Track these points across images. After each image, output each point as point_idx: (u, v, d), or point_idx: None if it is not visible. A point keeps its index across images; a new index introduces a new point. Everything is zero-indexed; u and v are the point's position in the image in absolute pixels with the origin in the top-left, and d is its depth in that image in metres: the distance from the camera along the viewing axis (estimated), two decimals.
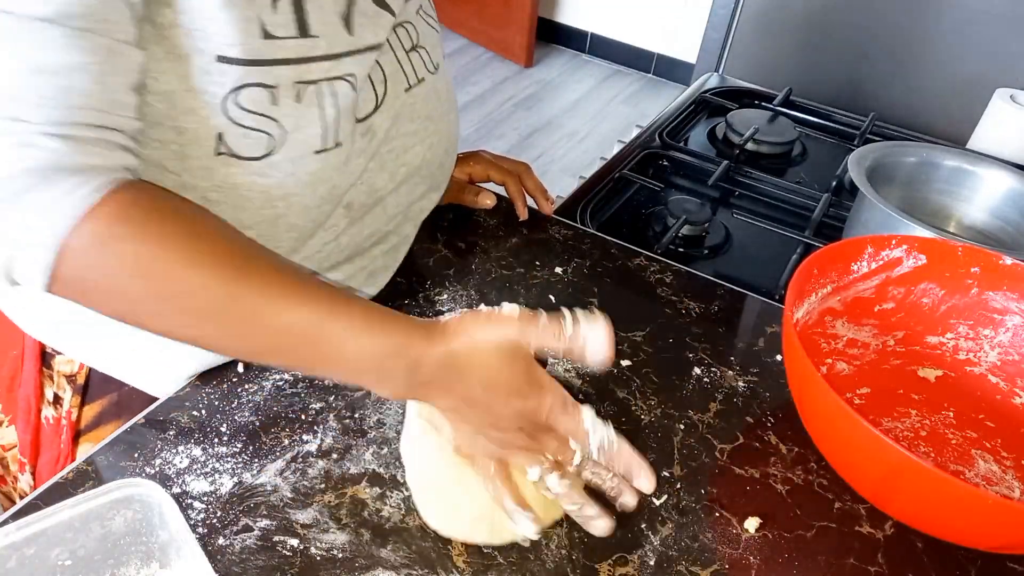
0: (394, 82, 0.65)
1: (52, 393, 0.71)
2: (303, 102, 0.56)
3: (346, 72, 0.58)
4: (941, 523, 0.58)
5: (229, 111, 0.54)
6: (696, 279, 0.84)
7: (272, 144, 0.57)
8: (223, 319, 0.49)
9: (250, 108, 0.55)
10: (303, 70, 0.56)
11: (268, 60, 0.54)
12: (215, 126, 0.54)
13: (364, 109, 0.62)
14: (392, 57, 0.65)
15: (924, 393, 0.74)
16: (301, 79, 0.56)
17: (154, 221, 0.49)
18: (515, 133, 3.04)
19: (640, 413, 0.68)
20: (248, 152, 0.56)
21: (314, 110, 0.57)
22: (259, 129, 0.56)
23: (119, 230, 0.47)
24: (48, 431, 0.72)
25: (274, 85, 0.55)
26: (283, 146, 0.57)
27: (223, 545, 0.55)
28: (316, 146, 0.58)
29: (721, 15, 1.47)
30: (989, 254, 0.72)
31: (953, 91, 1.32)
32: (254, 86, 0.54)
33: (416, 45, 0.68)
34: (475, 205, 0.89)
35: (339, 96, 0.58)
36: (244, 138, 0.56)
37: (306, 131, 0.57)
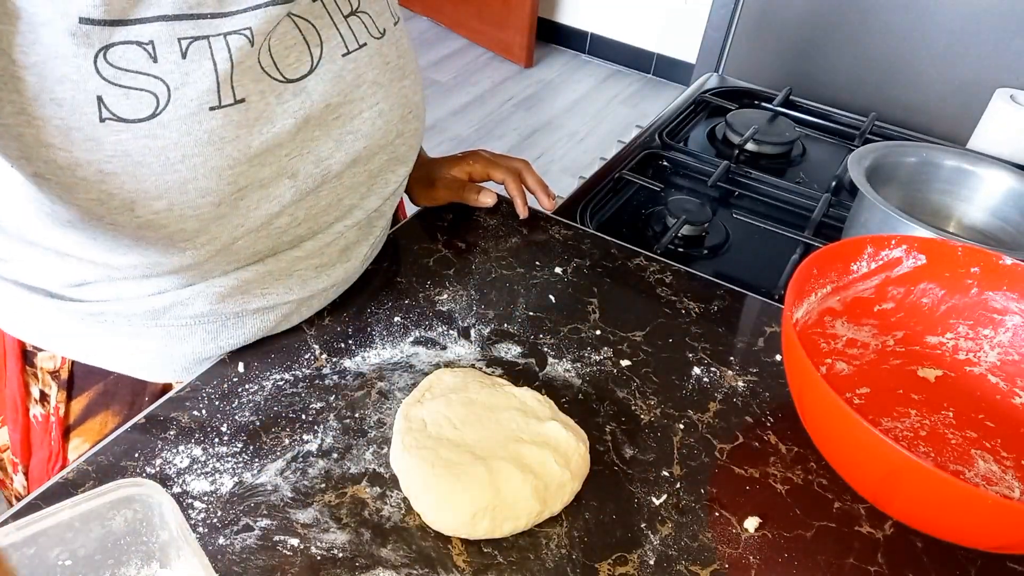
0: (329, 47, 0.64)
1: (38, 391, 0.71)
2: (188, 57, 0.55)
3: (241, 26, 0.57)
4: (941, 523, 0.58)
5: (103, 71, 0.53)
6: (696, 279, 0.84)
7: (157, 103, 0.55)
8: None
9: (125, 67, 0.54)
10: (187, 26, 0.55)
11: (136, 19, 0.53)
12: (92, 90, 0.53)
13: (296, 70, 0.61)
14: (328, 21, 0.64)
15: (924, 393, 0.74)
16: (184, 35, 0.55)
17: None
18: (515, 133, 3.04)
19: (640, 413, 0.68)
20: (133, 114, 0.55)
21: (206, 64, 0.56)
22: (140, 88, 0.54)
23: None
24: (38, 429, 0.72)
25: (147, 42, 0.53)
26: (171, 104, 0.55)
27: (223, 545, 0.55)
28: (211, 102, 0.57)
29: (721, 15, 1.47)
30: (989, 254, 0.72)
31: (953, 91, 1.32)
32: (125, 44, 0.53)
33: (356, 11, 0.67)
34: (476, 203, 0.89)
35: (232, 50, 0.57)
36: (125, 99, 0.54)
37: (195, 87, 0.56)
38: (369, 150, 0.69)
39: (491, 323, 0.75)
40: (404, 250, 0.84)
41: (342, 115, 0.66)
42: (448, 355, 0.71)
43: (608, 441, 0.65)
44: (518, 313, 0.76)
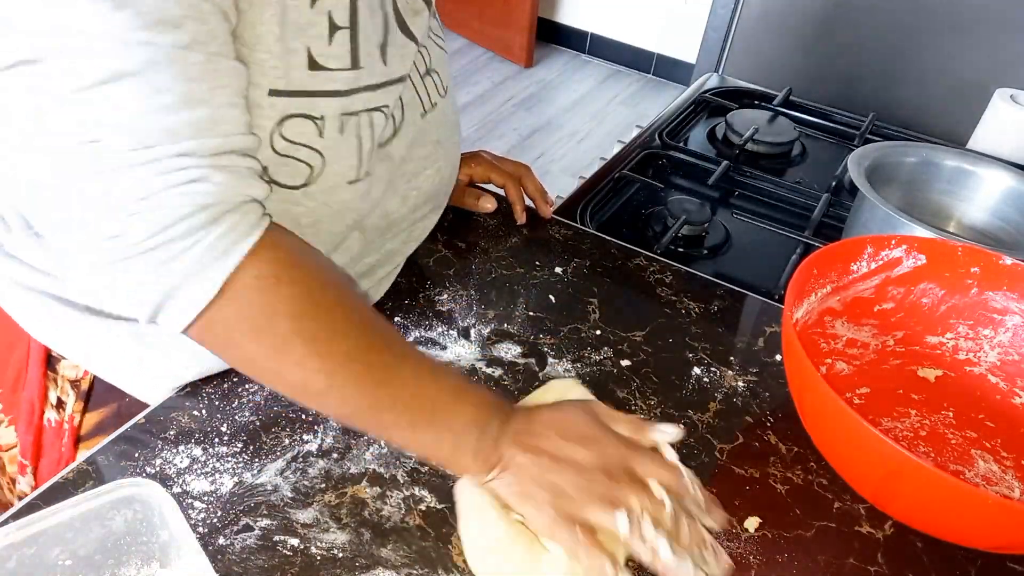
0: (411, 108, 0.65)
1: (56, 397, 0.71)
2: (344, 133, 0.56)
3: (382, 103, 0.58)
4: (941, 523, 0.58)
5: (275, 143, 0.54)
6: (696, 279, 0.84)
7: (310, 174, 0.56)
8: (359, 366, 0.51)
9: (294, 139, 0.54)
10: (349, 102, 0.55)
11: (315, 91, 0.53)
12: (262, 159, 0.54)
13: (385, 134, 0.62)
14: (409, 83, 0.64)
15: (924, 393, 0.74)
16: (346, 111, 0.55)
17: (306, 265, 0.51)
18: (515, 133, 3.04)
19: (640, 413, 0.68)
20: (286, 180, 0.56)
21: (353, 141, 0.57)
22: (300, 159, 0.55)
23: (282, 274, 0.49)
24: (50, 434, 0.72)
25: (319, 117, 0.54)
26: (321, 176, 0.57)
27: (223, 545, 0.55)
28: (350, 177, 0.58)
29: (721, 15, 1.47)
30: (989, 254, 0.72)
31: (953, 91, 1.32)
32: (299, 117, 0.54)
33: (430, 69, 0.68)
34: (475, 208, 0.89)
35: (375, 127, 0.58)
36: (284, 166, 0.55)
37: (343, 162, 0.57)
38: (423, 204, 0.72)
39: (491, 323, 0.75)
40: None
41: (406, 173, 0.67)
42: (448, 355, 0.71)
43: None
44: (518, 313, 0.76)
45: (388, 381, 0.52)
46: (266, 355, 0.50)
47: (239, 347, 0.51)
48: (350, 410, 0.54)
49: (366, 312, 0.54)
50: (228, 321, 0.49)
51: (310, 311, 0.50)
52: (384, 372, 0.52)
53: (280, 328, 0.49)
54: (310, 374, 0.51)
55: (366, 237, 0.67)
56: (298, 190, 0.57)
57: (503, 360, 0.71)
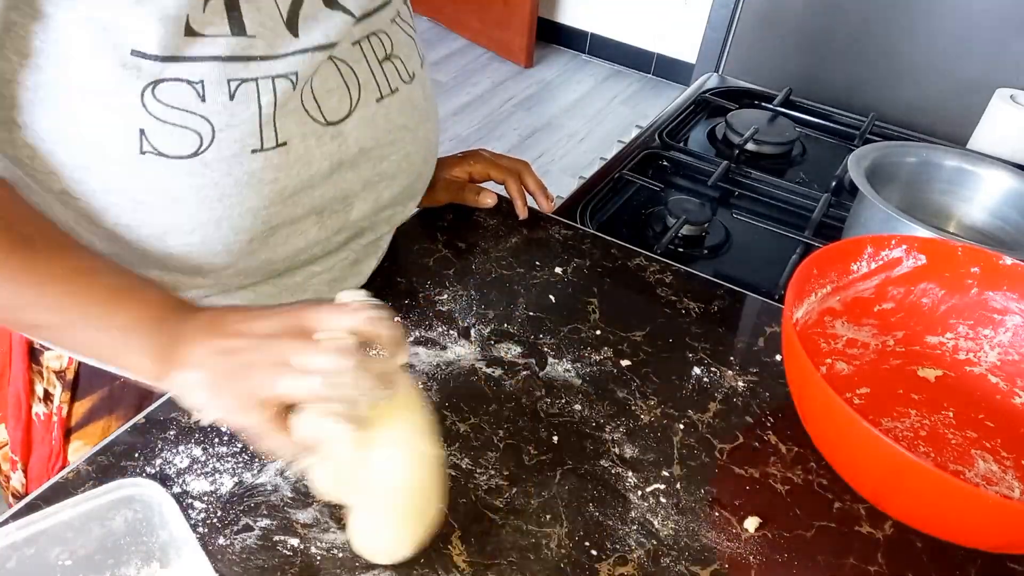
0: (367, 91, 0.64)
1: (42, 389, 0.71)
2: (236, 99, 0.55)
3: (288, 70, 0.57)
4: (941, 523, 0.58)
5: (149, 106, 0.53)
6: (696, 279, 0.84)
7: (200, 142, 0.55)
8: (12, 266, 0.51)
9: (172, 104, 0.54)
10: (239, 67, 0.55)
11: (189, 56, 0.53)
12: (135, 122, 0.54)
13: (336, 113, 0.62)
14: (365, 66, 0.64)
15: (924, 393, 0.74)
16: (233, 77, 0.55)
17: None
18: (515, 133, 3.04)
19: (640, 413, 0.68)
20: (174, 150, 0.55)
21: (251, 106, 0.56)
22: (184, 125, 0.55)
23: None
24: (39, 428, 0.72)
25: (197, 81, 0.54)
26: (214, 144, 0.56)
27: (223, 545, 0.55)
28: (253, 145, 0.57)
29: (721, 15, 1.47)
30: (989, 254, 0.72)
31: (953, 91, 1.32)
32: (174, 81, 0.53)
33: (390, 55, 0.67)
34: (476, 204, 0.89)
35: (281, 94, 0.57)
36: (169, 135, 0.55)
37: (239, 129, 0.56)
38: (390, 190, 0.71)
39: (491, 323, 0.75)
40: (404, 250, 0.84)
41: (372, 158, 0.67)
42: (448, 355, 0.71)
43: (608, 441, 0.65)
44: (518, 313, 0.76)
45: (37, 280, 0.51)
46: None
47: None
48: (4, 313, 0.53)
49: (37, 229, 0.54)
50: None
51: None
52: (32, 272, 0.51)
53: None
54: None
55: (324, 221, 0.66)
56: (191, 159, 0.56)
57: (503, 360, 0.71)
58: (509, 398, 0.68)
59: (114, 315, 0.52)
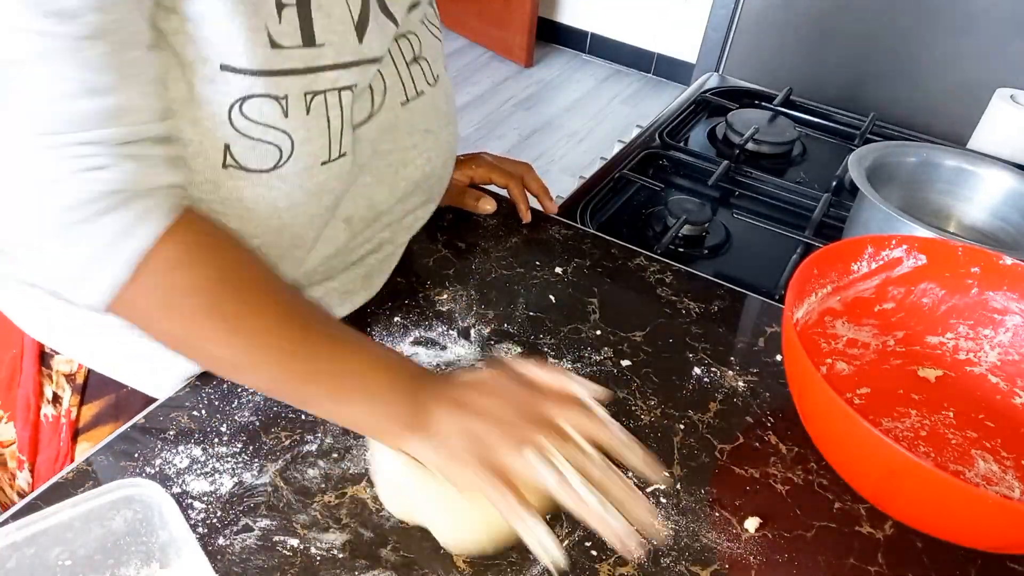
0: (392, 94, 0.64)
1: (51, 392, 0.71)
2: (311, 113, 0.56)
3: (351, 82, 0.58)
4: (941, 523, 0.58)
5: (235, 122, 0.54)
6: (696, 279, 0.84)
7: (280, 156, 0.56)
8: (274, 340, 0.53)
9: (257, 120, 0.54)
10: (311, 80, 0.55)
11: (275, 71, 0.53)
12: (221, 137, 0.54)
13: (358, 117, 0.62)
14: (393, 69, 0.64)
15: (924, 393, 0.74)
16: (309, 89, 0.55)
17: (219, 247, 0.53)
18: (515, 133, 3.04)
19: (640, 413, 0.68)
20: (256, 164, 0.56)
21: (322, 121, 0.57)
22: (267, 141, 0.55)
23: (194, 256, 0.51)
24: (47, 429, 0.72)
25: (282, 96, 0.54)
26: (292, 158, 0.57)
27: (223, 545, 0.55)
28: (323, 157, 0.58)
29: (721, 15, 1.47)
30: (989, 254, 0.72)
31: (953, 91, 1.32)
32: (261, 97, 0.54)
33: (417, 56, 0.67)
34: (475, 210, 0.88)
35: (343, 106, 0.58)
36: (252, 150, 0.55)
37: (315, 143, 0.57)
38: (413, 195, 0.71)
39: (491, 323, 0.75)
40: (404, 250, 0.83)
41: (394, 163, 0.67)
42: (448, 355, 0.71)
43: None
44: (518, 313, 0.76)
45: (306, 354, 0.54)
46: (179, 332, 0.53)
47: (157, 323, 0.53)
48: (271, 384, 0.56)
49: (283, 291, 0.56)
50: (143, 300, 0.51)
51: (219, 289, 0.52)
52: (302, 345, 0.54)
53: (189, 305, 0.51)
54: (223, 349, 0.53)
55: (352, 228, 0.67)
56: (270, 173, 0.57)
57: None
58: None
59: (379, 387, 0.55)
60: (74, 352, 0.70)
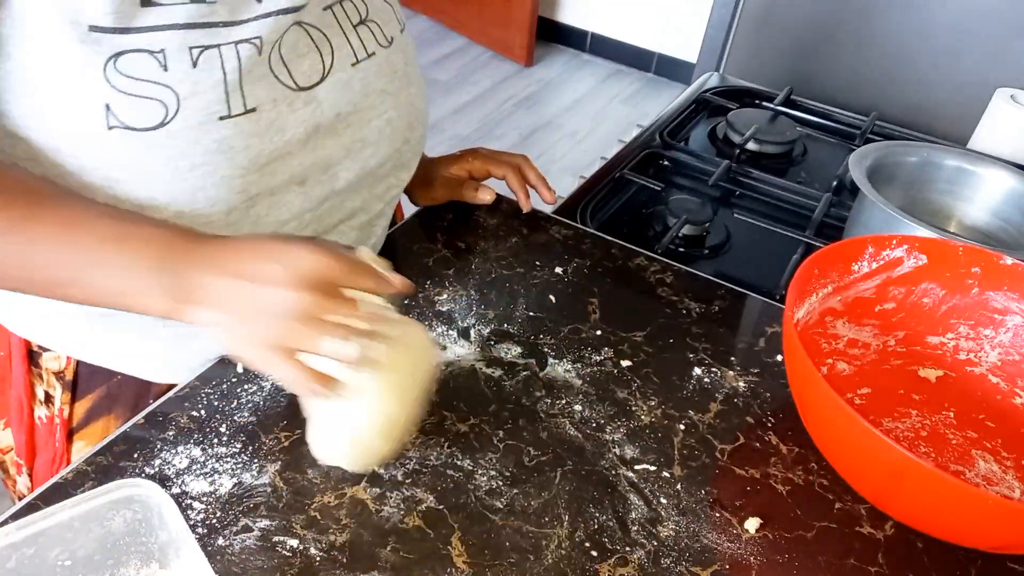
0: (340, 56, 0.64)
1: (43, 392, 0.71)
2: (199, 66, 0.55)
3: (251, 35, 0.57)
4: (941, 523, 0.58)
5: (112, 79, 0.53)
6: (697, 279, 0.84)
7: (166, 112, 0.55)
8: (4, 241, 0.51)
9: (135, 75, 0.53)
10: (198, 35, 0.54)
11: (147, 27, 0.53)
12: (100, 98, 0.53)
13: (308, 79, 0.61)
14: (338, 30, 0.64)
15: (924, 393, 0.74)
16: (194, 44, 0.54)
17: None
18: (515, 133, 3.03)
19: (640, 413, 0.67)
20: (141, 122, 0.55)
21: (215, 73, 0.56)
22: (148, 96, 0.54)
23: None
24: (43, 431, 0.72)
25: (158, 50, 0.53)
26: (179, 113, 0.55)
27: (223, 545, 0.55)
28: (219, 111, 0.57)
29: (722, 15, 1.47)
30: (990, 254, 0.72)
31: (953, 91, 1.32)
32: (134, 52, 0.53)
33: (365, 19, 0.67)
34: (475, 200, 0.88)
35: (242, 59, 0.57)
36: (133, 108, 0.54)
37: (204, 96, 0.56)
38: (376, 158, 0.70)
39: (491, 323, 0.75)
40: (404, 250, 0.83)
41: (351, 124, 0.66)
42: (448, 355, 0.71)
43: (609, 442, 0.65)
44: (518, 313, 0.76)
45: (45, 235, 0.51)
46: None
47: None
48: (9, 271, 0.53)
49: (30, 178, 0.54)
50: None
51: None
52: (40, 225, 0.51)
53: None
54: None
55: (309, 192, 0.65)
56: (157, 130, 0.55)
57: (503, 360, 0.71)
58: (509, 399, 0.68)
59: (117, 257, 0.51)
60: (64, 345, 0.69)
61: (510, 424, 0.65)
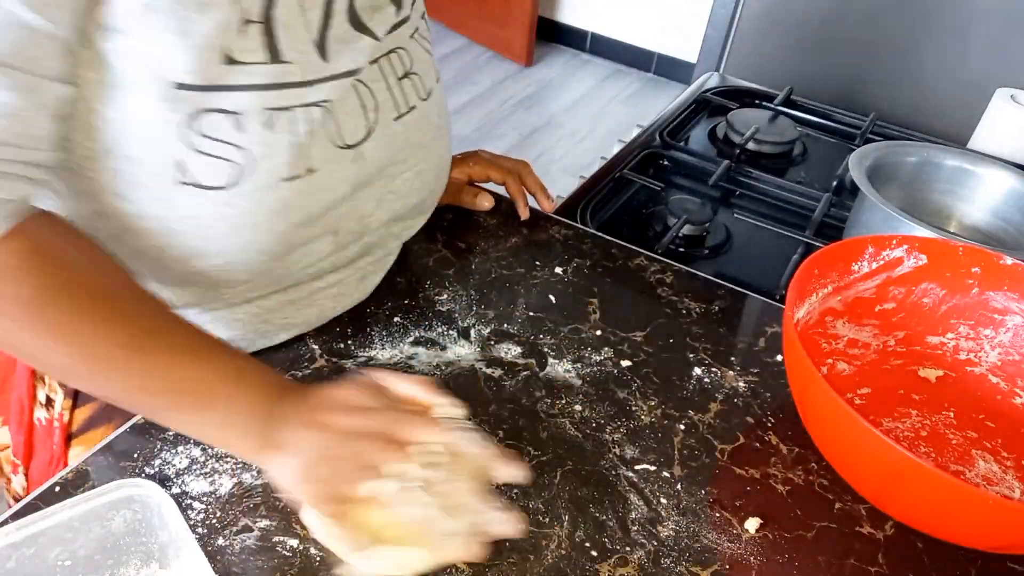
0: (384, 110, 0.64)
1: (44, 395, 0.71)
2: (274, 129, 0.55)
3: (321, 99, 0.57)
4: (941, 523, 0.58)
5: (189, 138, 0.53)
6: (697, 279, 0.84)
7: (238, 172, 0.55)
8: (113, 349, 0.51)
9: (212, 135, 0.54)
10: (273, 96, 0.54)
11: (229, 86, 0.53)
12: (174, 154, 0.54)
13: (355, 136, 0.61)
14: (383, 85, 0.64)
15: (924, 393, 0.74)
16: (271, 105, 0.55)
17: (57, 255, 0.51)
18: (515, 133, 3.03)
19: (640, 413, 0.67)
20: (212, 181, 0.55)
21: (284, 136, 0.56)
22: (222, 157, 0.54)
23: (25, 263, 0.49)
24: (41, 433, 0.72)
25: (237, 112, 0.54)
26: (250, 175, 0.56)
27: (223, 545, 0.55)
28: (284, 174, 0.57)
29: (722, 14, 1.47)
30: (990, 254, 0.72)
31: (953, 91, 1.32)
32: (214, 112, 0.53)
33: (409, 72, 0.67)
34: (473, 207, 0.88)
35: (313, 122, 0.57)
36: (207, 167, 0.54)
37: (275, 159, 0.56)
38: (404, 207, 0.71)
39: (491, 323, 0.75)
40: (404, 250, 0.83)
41: (385, 176, 0.67)
42: (448, 355, 0.71)
43: (609, 442, 0.65)
44: (518, 313, 0.76)
45: (149, 365, 0.52)
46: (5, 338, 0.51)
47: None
48: (112, 393, 0.54)
49: (129, 298, 0.54)
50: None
51: (46, 296, 0.50)
52: (144, 355, 0.52)
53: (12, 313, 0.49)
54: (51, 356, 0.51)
55: (339, 240, 0.66)
56: (228, 190, 0.56)
57: (503, 360, 0.71)
58: (509, 398, 0.68)
59: (219, 400, 0.52)
60: None
61: (510, 424, 0.65)
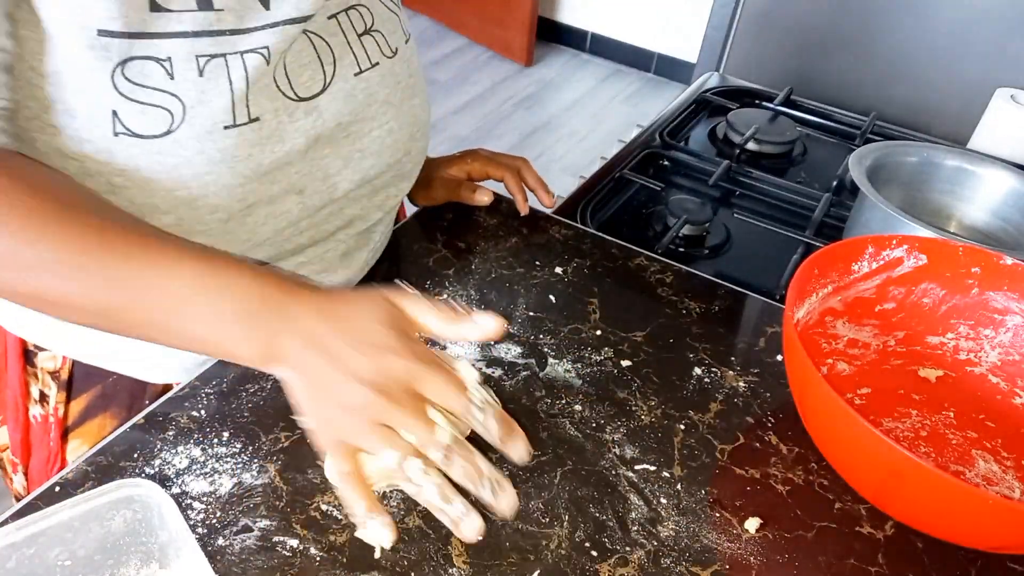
0: (343, 65, 0.63)
1: (38, 391, 0.71)
2: (207, 76, 0.55)
3: (258, 45, 0.57)
4: (941, 523, 0.58)
5: (119, 86, 0.53)
6: (697, 279, 0.84)
7: (172, 120, 0.55)
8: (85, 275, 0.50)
9: (142, 82, 0.53)
10: (206, 43, 0.54)
11: (155, 33, 0.52)
12: (107, 103, 0.53)
13: (309, 89, 0.61)
14: (342, 39, 0.63)
15: (925, 393, 0.74)
16: (203, 52, 0.54)
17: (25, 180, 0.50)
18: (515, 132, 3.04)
19: (640, 413, 0.67)
20: (147, 130, 0.55)
21: (219, 83, 0.55)
22: (155, 104, 0.54)
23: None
24: (37, 430, 0.72)
25: (165, 58, 0.53)
26: (185, 122, 0.55)
27: (223, 545, 0.55)
28: (225, 121, 0.57)
29: (722, 14, 1.47)
30: (990, 254, 0.72)
31: (953, 91, 1.32)
32: (143, 59, 0.53)
33: (369, 29, 0.66)
34: (472, 202, 0.88)
35: (249, 69, 0.57)
36: (141, 115, 0.54)
37: (210, 105, 0.56)
38: (376, 168, 0.70)
39: None
40: (404, 250, 0.83)
41: (352, 134, 0.66)
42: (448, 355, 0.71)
43: (608, 442, 0.65)
44: (518, 313, 0.76)
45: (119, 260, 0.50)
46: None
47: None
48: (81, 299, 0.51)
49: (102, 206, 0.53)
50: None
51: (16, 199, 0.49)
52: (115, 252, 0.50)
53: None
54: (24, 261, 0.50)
55: (307, 201, 0.65)
56: (162, 138, 0.55)
57: (503, 360, 0.71)
58: (509, 398, 0.68)
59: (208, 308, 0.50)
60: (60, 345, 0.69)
61: None
